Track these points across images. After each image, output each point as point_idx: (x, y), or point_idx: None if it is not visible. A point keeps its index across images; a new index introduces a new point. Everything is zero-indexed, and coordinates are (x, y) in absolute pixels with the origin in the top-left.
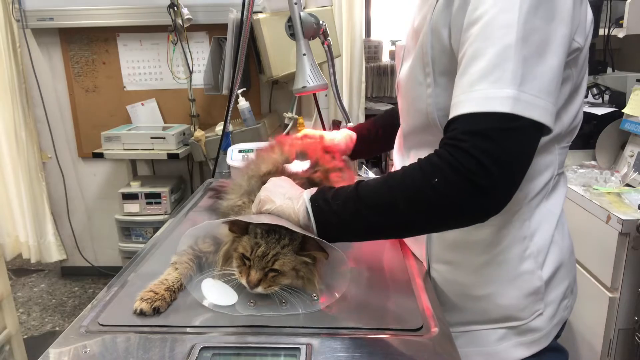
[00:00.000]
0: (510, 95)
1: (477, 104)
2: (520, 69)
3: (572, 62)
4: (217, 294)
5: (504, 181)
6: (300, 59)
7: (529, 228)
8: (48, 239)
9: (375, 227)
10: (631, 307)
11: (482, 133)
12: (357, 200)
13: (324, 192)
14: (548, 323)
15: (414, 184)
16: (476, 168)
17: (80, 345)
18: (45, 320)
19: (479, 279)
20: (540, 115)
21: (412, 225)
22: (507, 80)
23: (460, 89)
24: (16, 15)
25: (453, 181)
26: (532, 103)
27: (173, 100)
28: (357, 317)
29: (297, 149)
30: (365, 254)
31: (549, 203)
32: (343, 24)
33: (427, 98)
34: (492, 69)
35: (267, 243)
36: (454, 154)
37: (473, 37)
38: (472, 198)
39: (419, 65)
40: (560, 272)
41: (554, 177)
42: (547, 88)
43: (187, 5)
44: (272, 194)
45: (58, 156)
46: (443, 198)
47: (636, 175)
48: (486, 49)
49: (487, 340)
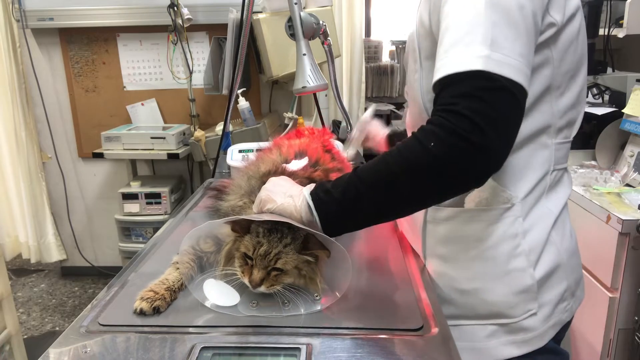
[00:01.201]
0: (482, 54)
1: (452, 66)
2: (490, 32)
3: (551, 41)
4: (219, 294)
5: (499, 138)
6: (300, 59)
7: (522, 225)
8: (48, 239)
9: (380, 205)
10: (631, 307)
11: (472, 94)
12: (357, 182)
13: (323, 184)
14: (542, 324)
15: (412, 153)
16: (470, 127)
17: (80, 345)
18: (45, 320)
19: (467, 273)
20: (514, 74)
21: (416, 196)
22: (477, 42)
23: (437, 58)
24: (16, 15)
25: (449, 142)
26: (503, 62)
27: (173, 100)
28: (357, 317)
29: (296, 149)
30: (365, 254)
31: (548, 201)
32: (343, 24)
33: (415, 83)
34: (463, 34)
35: (269, 242)
36: (446, 117)
37: (446, 12)
38: (469, 156)
39: (411, 53)
40: (557, 273)
41: (551, 173)
42: (519, 50)
43: (187, 5)
44: (272, 193)
45: (58, 156)
46: (441, 160)
47: (636, 175)
48: (458, 19)
49: (476, 336)
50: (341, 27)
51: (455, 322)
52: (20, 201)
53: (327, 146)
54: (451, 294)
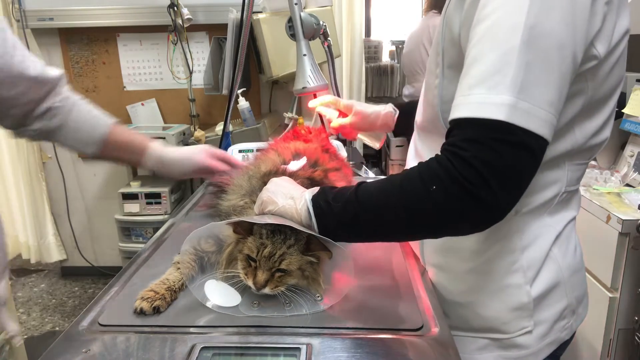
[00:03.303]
0: (507, 102)
1: (472, 109)
2: (521, 75)
3: (589, 74)
4: (220, 295)
5: (503, 195)
6: (300, 60)
7: (520, 240)
8: (48, 239)
9: (373, 231)
10: (631, 307)
11: (484, 143)
12: (356, 204)
13: (326, 194)
14: (537, 342)
15: (412, 191)
16: (475, 179)
17: (80, 345)
18: (45, 320)
19: (462, 286)
20: (538, 127)
21: (409, 231)
22: (505, 86)
23: (460, 91)
24: (16, 15)
25: (451, 191)
26: (530, 112)
27: (173, 100)
28: (358, 317)
29: (293, 150)
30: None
31: (551, 218)
32: (343, 24)
33: (434, 89)
34: (492, 73)
35: (273, 243)
36: (453, 161)
37: (477, 37)
38: (469, 209)
39: (434, 54)
40: (556, 291)
41: (561, 195)
42: (549, 98)
43: (187, 5)
44: (274, 195)
45: (58, 156)
46: (440, 207)
47: (636, 175)
48: (489, 52)
49: (467, 348)
50: (341, 27)
51: None
52: (20, 201)
53: (324, 146)
54: (445, 304)
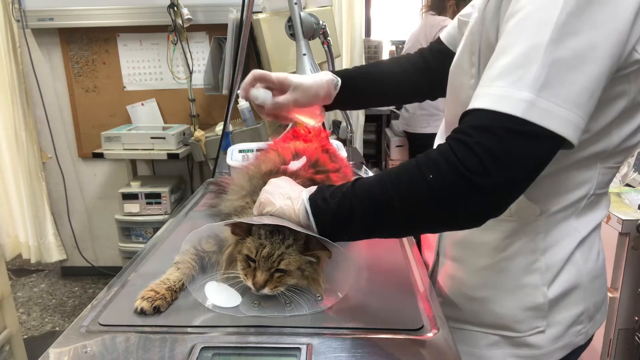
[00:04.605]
0: (526, 98)
1: (490, 101)
2: (545, 73)
3: (632, 76)
4: (220, 296)
5: (503, 184)
6: (300, 59)
7: (543, 242)
8: (48, 239)
9: (371, 225)
10: (631, 307)
11: (491, 130)
12: (352, 198)
13: (322, 191)
14: (550, 343)
15: (408, 180)
16: (475, 166)
17: (80, 345)
18: (45, 320)
19: (478, 280)
20: (560, 127)
21: (407, 224)
22: (526, 82)
23: (482, 82)
24: (16, 15)
25: (449, 179)
26: (550, 111)
27: (173, 100)
28: (358, 317)
29: (293, 150)
30: (365, 254)
31: (577, 222)
32: (343, 24)
33: (469, 89)
34: (515, 67)
35: (271, 243)
36: (455, 147)
37: (508, 30)
38: (467, 198)
39: (467, 53)
40: (573, 295)
41: (589, 197)
42: (575, 98)
43: (187, 5)
44: (272, 196)
45: (58, 156)
46: (437, 196)
47: (636, 175)
48: (515, 45)
49: (477, 343)
50: (341, 27)
51: (458, 326)
52: (20, 201)
53: (324, 146)
54: (459, 298)
